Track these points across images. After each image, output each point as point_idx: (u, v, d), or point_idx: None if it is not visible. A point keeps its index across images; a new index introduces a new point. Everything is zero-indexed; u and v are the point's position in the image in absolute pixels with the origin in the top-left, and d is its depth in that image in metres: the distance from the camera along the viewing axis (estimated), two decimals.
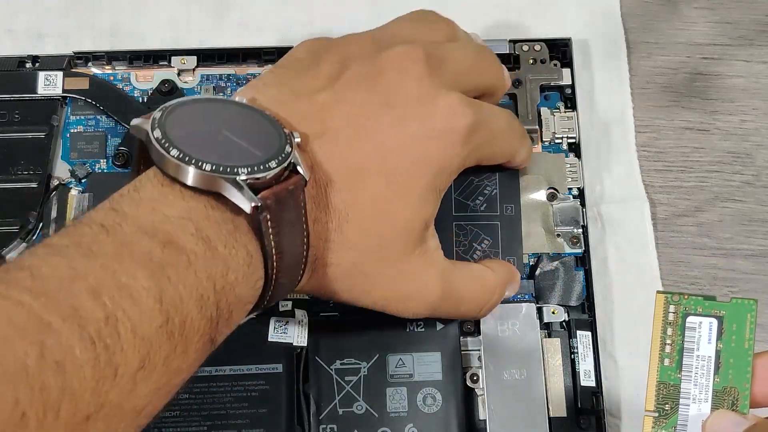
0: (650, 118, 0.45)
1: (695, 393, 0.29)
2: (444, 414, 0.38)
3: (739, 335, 0.29)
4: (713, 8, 0.47)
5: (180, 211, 0.27)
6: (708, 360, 0.29)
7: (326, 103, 0.31)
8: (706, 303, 0.30)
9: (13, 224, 0.40)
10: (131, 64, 0.43)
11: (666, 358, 0.30)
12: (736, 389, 0.29)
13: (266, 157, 0.28)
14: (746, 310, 0.29)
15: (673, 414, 0.29)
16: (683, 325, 0.30)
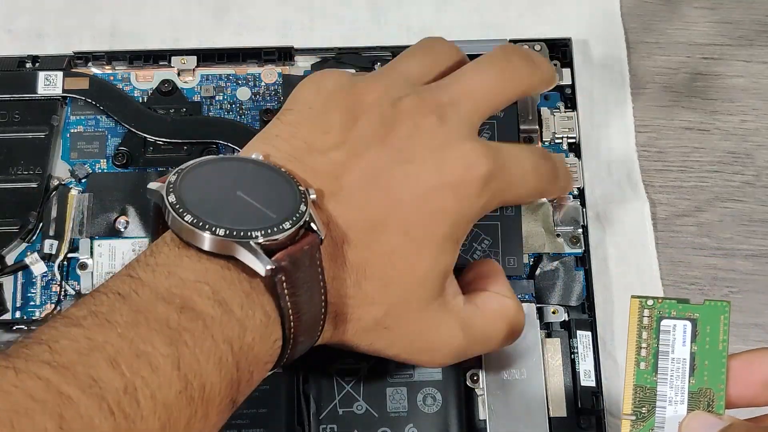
0: (650, 118, 0.45)
1: (671, 395, 0.29)
2: (444, 414, 0.38)
3: (713, 337, 0.29)
4: (713, 8, 0.47)
5: (196, 275, 0.27)
6: (683, 362, 0.29)
7: (340, 160, 0.31)
8: (680, 306, 0.30)
9: (13, 224, 0.40)
10: (131, 64, 0.43)
11: (642, 362, 0.30)
12: (712, 390, 0.29)
13: (280, 218, 0.28)
14: (719, 312, 0.30)
15: (650, 417, 0.29)
16: (658, 329, 0.30)
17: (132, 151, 0.42)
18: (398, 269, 0.31)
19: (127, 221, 0.41)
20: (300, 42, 0.44)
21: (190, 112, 0.43)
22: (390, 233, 0.31)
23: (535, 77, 0.35)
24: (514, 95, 0.34)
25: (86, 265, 0.40)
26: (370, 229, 0.30)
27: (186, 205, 0.27)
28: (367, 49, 0.44)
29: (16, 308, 0.40)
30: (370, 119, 0.31)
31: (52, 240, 0.40)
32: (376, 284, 0.31)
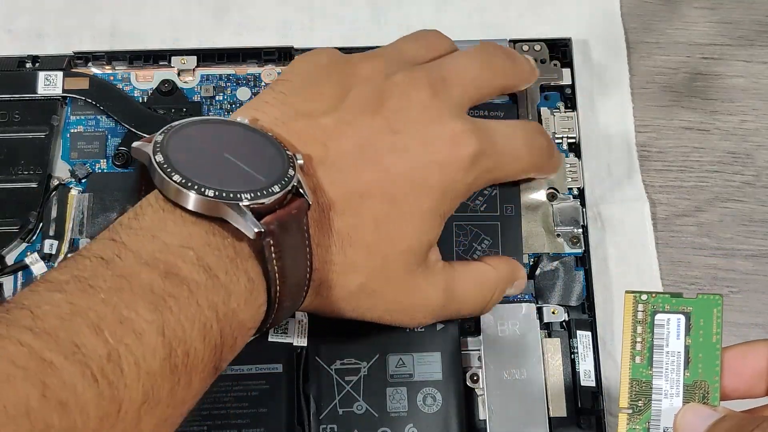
0: (650, 118, 0.45)
1: (667, 388, 0.30)
2: (444, 414, 0.38)
3: (706, 330, 0.30)
4: (713, 8, 0.47)
5: (180, 239, 0.26)
6: (677, 355, 0.30)
7: (330, 127, 0.31)
8: (673, 300, 0.30)
9: (13, 224, 0.40)
10: (131, 64, 0.43)
11: (637, 356, 0.30)
12: (706, 383, 0.29)
13: (269, 181, 0.28)
14: (712, 305, 0.30)
15: (646, 410, 0.30)
16: (652, 323, 0.30)
17: (131, 156, 0.42)
18: (383, 237, 0.31)
19: None
20: (300, 42, 0.44)
21: (190, 112, 0.43)
22: (376, 202, 0.31)
23: (516, 71, 0.36)
24: (498, 87, 0.35)
25: None
26: (357, 197, 0.31)
27: (174, 165, 0.27)
28: (367, 49, 0.44)
29: None
30: (363, 89, 0.32)
31: (52, 240, 0.40)
32: (361, 251, 0.31)
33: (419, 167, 0.31)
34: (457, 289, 0.34)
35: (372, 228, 0.31)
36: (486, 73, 0.35)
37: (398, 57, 0.34)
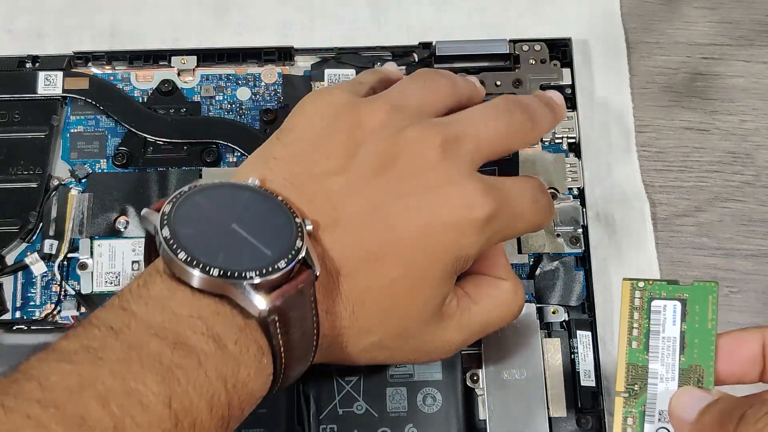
0: (650, 118, 0.45)
1: (662, 372, 0.30)
2: (444, 414, 0.38)
3: (702, 316, 0.30)
4: (713, 8, 0.47)
5: (190, 310, 0.26)
6: (673, 341, 0.30)
7: (340, 189, 0.30)
8: (670, 287, 0.31)
9: (13, 224, 0.40)
10: (131, 64, 0.43)
11: (634, 341, 0.31)
12: (701, 367, 0.30)
13: (275, 255, 0.27)
14: (708, 292, 0.31)
15: (642, 393, 0.30)
16: (649, 309, 0.31)
17: (132, 151, 0.42)
18: (396, 301, 0.30)
19: (127, 221, 0.41)
20: (300, 42, 0.44)
21: (190, 112, 0.43)
22: (388, 266, 0.30)
23: (535, 133, 0.34)
24: (514, 147, 0.34)
25: (86, 265, 0.40)
26: (367, 261, 0.30)
27: (180, 240, 0.27)
28: (367, 49, 0.44)
29: (16, 308, 0.40)
30: (373, 147, 0.31)
31: (52, 240, 0.40)
32: (374, 315, 0.30)
33: (432, 230, 0.30)
34: (478, 322, 0.33)
35: (385, 292, 0.30)
36: (503, 133, 0.33)
37: (407, 104, 0.33)
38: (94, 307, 0.39)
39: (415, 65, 0.44)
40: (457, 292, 0.33)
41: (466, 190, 0.30)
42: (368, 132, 0.31)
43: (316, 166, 0.31)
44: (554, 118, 0.35)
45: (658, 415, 0.30)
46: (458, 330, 0.33)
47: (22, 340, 0.39)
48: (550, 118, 0.35)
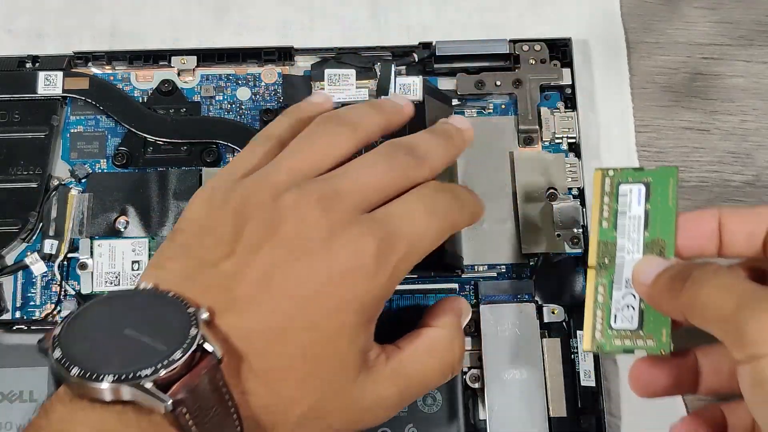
0: (650, 118, 0.45)
1: (629, 246, 0.34)
2: (444, 414, 0.38)
3: (663, 197, 0.34)
4: (713, 8, 0.47)
5: (92, 427, 0.26)
6: (638, 219, 0.34)
7: (232, 271, 0.30)
8: (635, 173, 0.35)
9: (13, 224, 0.40)
10: (131, 64, 0.43)
11: (604, 221, 0.35)
12: (663, 240, 0.34)
13: (171, 348, 0.27)
14: (669, 175, 0.34)
15: (611, 266, 0.34)
16: (617, 193, 0.35)
17: (132, 151, 0.42)
18: (314, 366, 0.30)
19: (127, 221, 0.41)
20: (300, 42, 0.44)
21: (190, 112, 0.43)
22: (297, 333, 0.30)
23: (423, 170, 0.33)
24: (404, 187, 0.33)
25: (86, 265, 0.40)
26: (275, 333, 0.29)
27: (71, 357, 0.26)
28: (367, 49, 0.44)
29: (16, 308, 0.40)
30: (255, 222, 0.31)
31: (52, 240, 0.40)
32: (294, 385, 0.30)
33: (329, 286, 0.30)
34: (410, 373, 0.33)
35: (300, 359, 0.30)
36: (385, 178, 0.32)
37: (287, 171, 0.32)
38: None
39: (415, 65, 0.44)
40: (387, 346, 0.33)
41: (349, 237, 0.30)
42: (250, 210, 0.31)
43: (207, 255, 0.31)
44: (449, 150, 0.35)
45: (624, 283, 0.34)
46: (391, 383, 0.32)
47: (22, 340, 0.39)
48: (443, 151, 0.34)
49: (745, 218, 0.33)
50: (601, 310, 0.34)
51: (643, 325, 0.33)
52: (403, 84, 0.43)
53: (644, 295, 0.33)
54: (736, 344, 0.28)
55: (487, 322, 0.39)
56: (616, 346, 0.34)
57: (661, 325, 0.33)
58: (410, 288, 0.40)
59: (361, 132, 0.34)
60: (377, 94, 0.43)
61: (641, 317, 0.33)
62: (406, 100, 0.37)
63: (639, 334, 0.33)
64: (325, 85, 0.43)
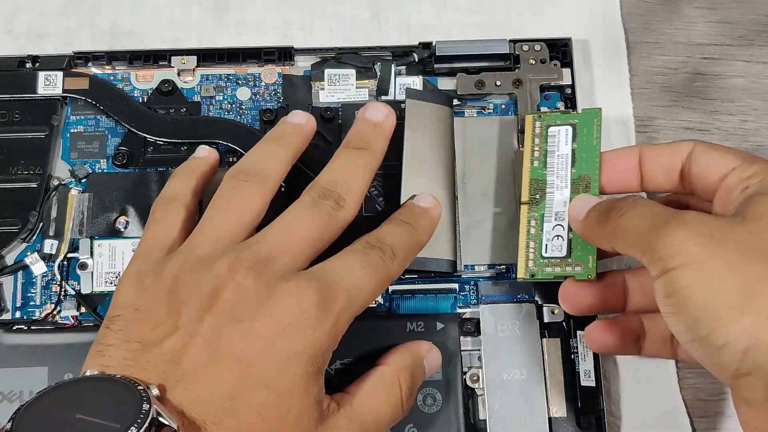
0: (650, 118, 0.45)
1: (558, 183, 0.37)
2: (444, 414, 0.38)
3: (588, 137, 0.38)
4: (713, 8, 0.47)
5: None
6: (566, 157, 0.38)
7: (177, 346, 0.30)
8: (563, 115, 0.38)
9: (13, 224, 0.40)
10: (131, 64, 0.43)
11: (535, 161, 0.38)
12: (589, 176, 0.37)
13: (125, 425, 0.27)
14: (593, 116, 0.38)
15: (542, 200, 0.37)
16: (546, 135, 0.38)
17: (132, 151, 0.42)
18: (273, 423, 0.30)
19: (127, 221, 0.41)
20: (300, 42, 0.44)
21: (190, 112, 0.43)
22: (251, 397, 0.30)
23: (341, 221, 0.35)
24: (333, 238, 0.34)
25: (86, 265, 0.40)
26: (229, 400, 0.30)
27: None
28: (367, 49, 0.44)
29: (16, 308, 0.40)
30: (193, 296, 0.31)
31: (52, 240, 0.40)
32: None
33: (277, 341, 0.30)
34: (364, 415, 0.33)
35: (258, 420, 0.30)
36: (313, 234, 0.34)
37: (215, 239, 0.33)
38: (94, 307, 0.40)
39: (414, 65, 0.44)
40: (335, 395, 0.33)
41: (289, 291, 0.31)
42: (184, 286, 0.32)
43: (148, 337, 0.31)
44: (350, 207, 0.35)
45: (554, 216, 0.37)
46: (349, 425, 0.32)
47: (22, 340, 0.39)
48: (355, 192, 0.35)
49: (663, 153, 0.36)
50: (534, 242, 0.37)
51: (571, 253, 0.37)
52: (403, 84, 0.43)
53: (577, 230, 0.36)
54: (650, 262, 0.31)
55: (487, 322, 0.39)
56: (547, 273, 0.37)
57: (587, 253, 0.36)
58: (410, 288, 0.40)
59: (271, 181, 0.35)
60: (377, 94, 0.43)
61: (569, 246, 0.37)
62: (305, 116, 0.38)
63: (567, 261, 0.37)
64: (325, 85, 0.43)
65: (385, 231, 0.35)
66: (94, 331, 0.31)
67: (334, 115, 0.42)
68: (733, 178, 0.33)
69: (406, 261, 0.35)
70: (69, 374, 0.38)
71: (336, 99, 0.43)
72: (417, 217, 0.37)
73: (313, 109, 0.43)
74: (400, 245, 0.35)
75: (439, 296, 0.40)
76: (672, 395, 0.40)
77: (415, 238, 0.36)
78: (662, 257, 0.30)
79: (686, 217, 0.31)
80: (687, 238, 0.30)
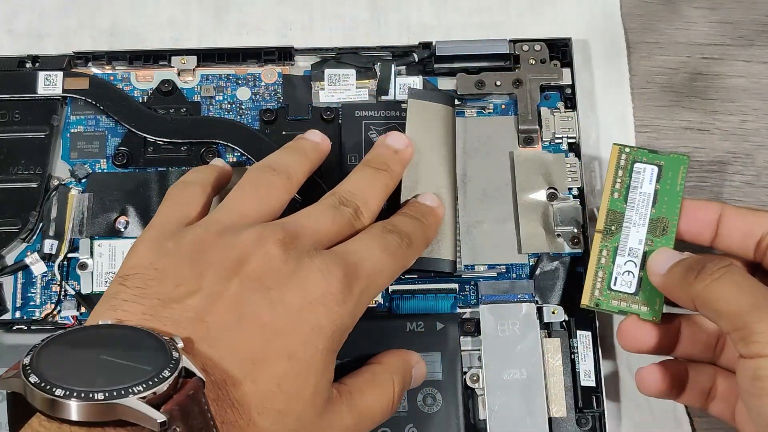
0: (650, 118, 0.45)
1: (636, 219, 0.38)
2: (444, 414, 0.38)
3: (673, 181, 0.38)
4: (713, 8, 0.47)
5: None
6: (648, 196, 0.38)
7: (201, 304, 0.30)
8: (650, 154, 0.38)
9: (13, 224, 0.40)
10: (131, 64, 0.43)
11: (615, 192, 0.38)
12: (668, 219, 0.37)
13: (156, 369, 0.26)
14: (680, 162, 0.38)
15: (617, 233, 0.38)
16: (631, 170, 0.38)
17: (132, 151, 0.42)
18: (290, 395, 0.30)
19: (127, 221, 0.41)
20: (300, 42, 0.44)
21: (190, 112, 0.43)
22: (273, 362, 0.30)
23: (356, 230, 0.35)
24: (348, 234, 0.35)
25: (86, 265, 0.40)
26: (251, 363, 0.30)
27: (52, 381, 0.25)
28: (367, 49, 0.44)
29: (16, 308, 0.40)
30: (219, 260, 0.31)
31: (52, 240, 0.40)
32: (270, 416, 0.30)
33: (303, 313, 0.31)
34: (361, 406, 0.33)
35: (276, 390, 0.30)
36: (336, 230, 0.34)
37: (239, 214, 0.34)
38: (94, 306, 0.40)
39: (414, 65, 0.44)
40: (334, 384, 0.33)
41: (317, 267, 0.32)
42: (208, 250, 0.32)
43: (169, 294, 0.30)
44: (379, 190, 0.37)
45: (628, 251, 0.37)
46: (349, 415, 0.33)
47: (22, 340, 0.39)
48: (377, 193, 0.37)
49: (745, 218, 0.36)
50: (603, 272, 0.37)
51: (639, 292, 0.37)
52: (403, 84, 0.43)
53: (656, 283, 0.36)
54: (743, 340, 0.30)
55: (487, 322, 0.39)
56: (612, 306, 0.37)
57: (656, 295, 0.36)
58: (410, 288, 0.40)
59: (294, 181, 0.36)
60: (377, 94, 0.43)
61: (639, 284, 0.37)
62: (321, 136, 0.39)
63: (635, 299, 0.37)
64: (325, 85, 0.43)
65: (398, 220, 0.36)
66: None
67: (334, 115, 0.43)
68: None
69: (418, 252, 0.36)
70: None
71: (336, 99, 0.43)
72: (425, 213, 0.37)
73: (313, 109, 0.43)
74: (414, 234, 0.36)
75: (439, 296, 0.40)
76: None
77: (424, 232, 0.37)
78: (758, 342, 0.30)
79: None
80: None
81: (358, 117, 0.42)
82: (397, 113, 0.42)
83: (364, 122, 0.42)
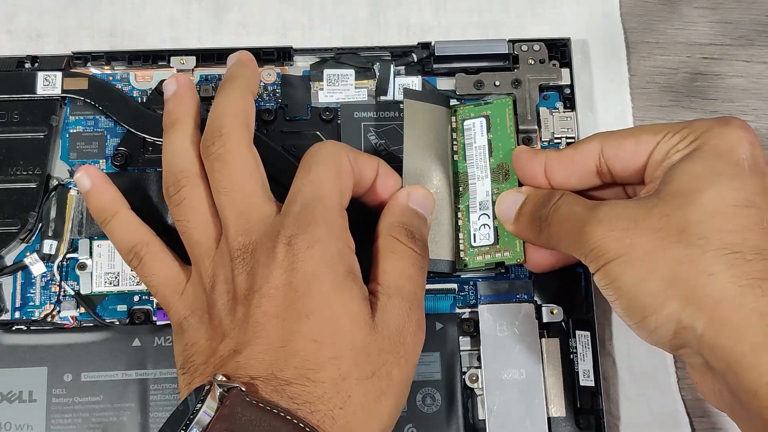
0: (650, 118, 0.45)
1: (478, 173, 0.39)
2: (444, 414, 0.38)
3: (502, 126, 0.40)
4: (713, 8, 0.47)
5: None
6: (483, 148, 0.39)
7: (245, 314, 0.32)
8: (475, 108, 0.40)
9: (12, 224, 0.40)
10: (130, 64, 0.43)
11: (455, 155, 0.40)
12: (507, 164, 0.39)
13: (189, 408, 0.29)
14: (505, 105, 0.40)
15: (465, 192, 0.39)
16: (462, 128, 0.40)
17: (131, 151, 0.42)
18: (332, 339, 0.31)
19: None
20: (299, 42, 0.44)
21: None
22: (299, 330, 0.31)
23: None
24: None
25: (85, 265, 0.40)
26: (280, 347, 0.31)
27: None
28: (367, 49, 0.44)
29: (15, 308, 0.40)
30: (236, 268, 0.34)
31: (52, 240, 0.40)
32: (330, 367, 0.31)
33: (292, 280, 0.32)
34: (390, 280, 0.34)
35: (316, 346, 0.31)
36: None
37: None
38: (93, 307, 0.40)
39: (414, 65, 0.44)
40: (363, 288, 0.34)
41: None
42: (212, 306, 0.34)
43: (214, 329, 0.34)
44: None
45: (478, 206, 0.39)
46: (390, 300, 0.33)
47: (22, 340, 0.39)
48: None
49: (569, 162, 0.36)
50: (463, 233, 0.39)
51: (498, 240, 0.38)
52: (402, 84, 0.43)
53: (512, 232, 0.37)
54: (586, 262, 0.33)
55: (487, 322, 0.39)
56: (478, 262, 0.38)
57: (513, 237, 0.38)
58: None
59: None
60: (376, 94, 0.43)
61: (496, 233, 0.38)
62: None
63: (496, 247, 0.38)
64: (324, 86, 0.43)
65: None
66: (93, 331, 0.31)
67: (333, 115, 0.42)
68: (658, 152, 0.34)
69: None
70: (68, 374, 0.38)
71: (335, 99, 0.43)
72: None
73: (312, 109, 0.43)
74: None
75: (438, 296, 0.40)
76: (672, 395, 0.40)
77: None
78: (591, 259, 0.32)
79: (600, 215, 0.32)
80: (603, 236, 0.32)
81: (357, 117, 0.42)
82: (396, 113, 0.42)
83: (363, 123, 0.42)
